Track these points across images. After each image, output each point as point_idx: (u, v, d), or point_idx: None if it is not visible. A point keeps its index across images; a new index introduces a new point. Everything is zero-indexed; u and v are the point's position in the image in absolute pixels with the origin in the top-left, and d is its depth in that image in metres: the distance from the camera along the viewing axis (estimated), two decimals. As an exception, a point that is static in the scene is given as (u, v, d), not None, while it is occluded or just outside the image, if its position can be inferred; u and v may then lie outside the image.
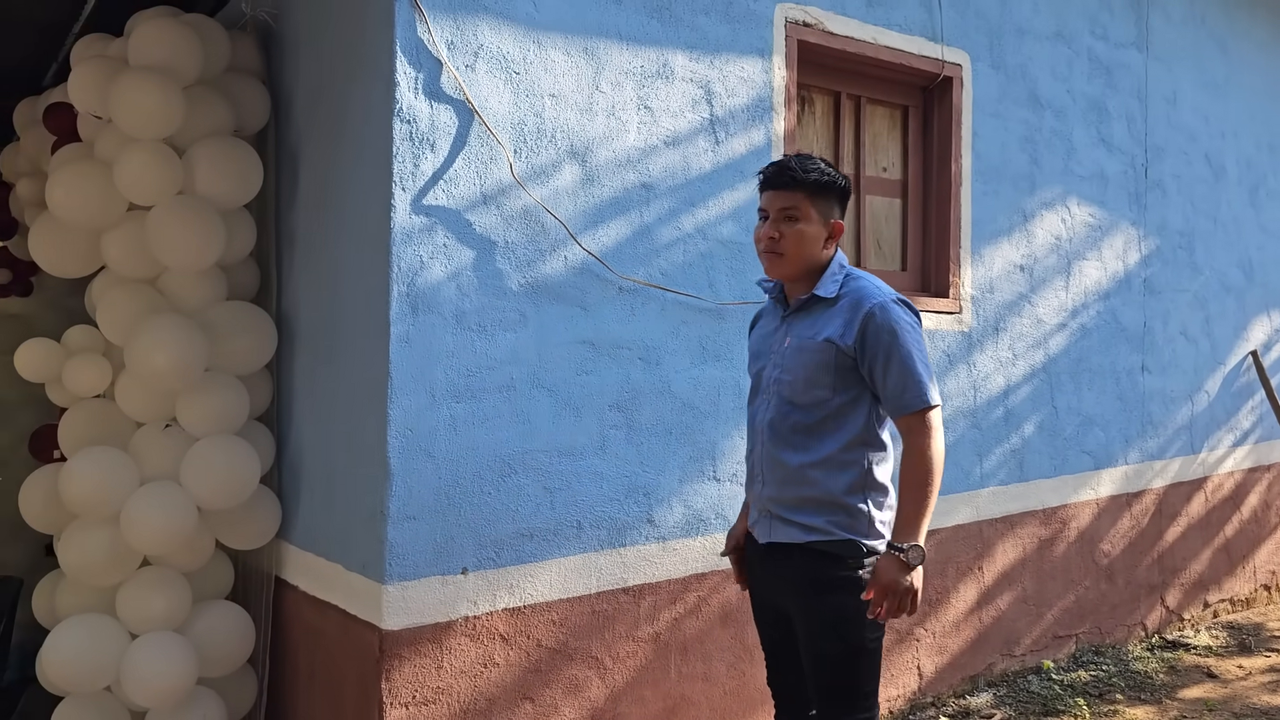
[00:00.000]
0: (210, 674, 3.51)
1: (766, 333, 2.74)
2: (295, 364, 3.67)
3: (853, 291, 2.56)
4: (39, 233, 3.63)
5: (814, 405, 2.55)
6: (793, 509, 2.56)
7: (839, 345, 2.51)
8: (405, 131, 3.04)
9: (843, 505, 2.52)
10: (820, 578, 2.53)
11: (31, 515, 3.64)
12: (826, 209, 2.60)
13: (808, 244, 2.57)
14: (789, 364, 2.59)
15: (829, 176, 2.59)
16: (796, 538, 2.55)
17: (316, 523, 3.49)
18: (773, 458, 2.60)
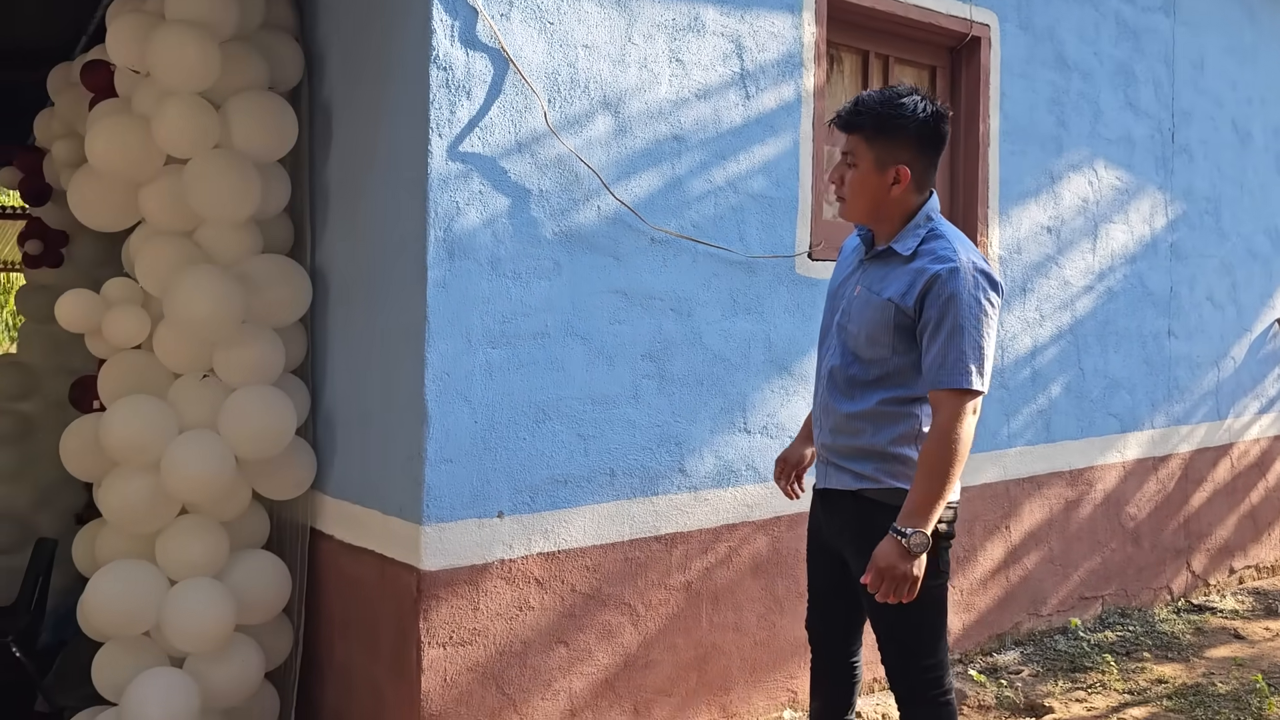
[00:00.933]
0: (247, 621, 3.55)
1: (843, 275, 2.71)
2: (330, 317, 3.72)
3: (929, 251, 2.46)
4: (78, 187, 3.68)
5: (873, 361, 2.53)
6: (845, 457, 2.57)
7: (899, 305, 2.46)
8: (442, 79, 3.08)
9: (892, 455, 2.50)
10: (872, 527, 2.47)
11: (72, 463, 3.69)
12: (889, 152, 2.48)
13: (867, 190, 2.51)
14: (854, 314, 2.57)
15: (895, 113, 2.46)
16: (848, 484, 2.57)
17: (352, 471, 3.53)
18: (828, 405, 2.62)
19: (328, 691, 3.66)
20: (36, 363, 6.09)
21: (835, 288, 2.74)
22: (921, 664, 2.57)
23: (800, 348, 3.82)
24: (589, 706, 3.39)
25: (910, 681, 2.59)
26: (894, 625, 2.58)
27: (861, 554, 2.51)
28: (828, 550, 2.75)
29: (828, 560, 2.75)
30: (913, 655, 2.57)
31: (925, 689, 2.58)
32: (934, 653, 2.58)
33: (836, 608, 2.78)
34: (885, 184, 2.50)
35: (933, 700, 2.58)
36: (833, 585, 2.76)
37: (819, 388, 2.72)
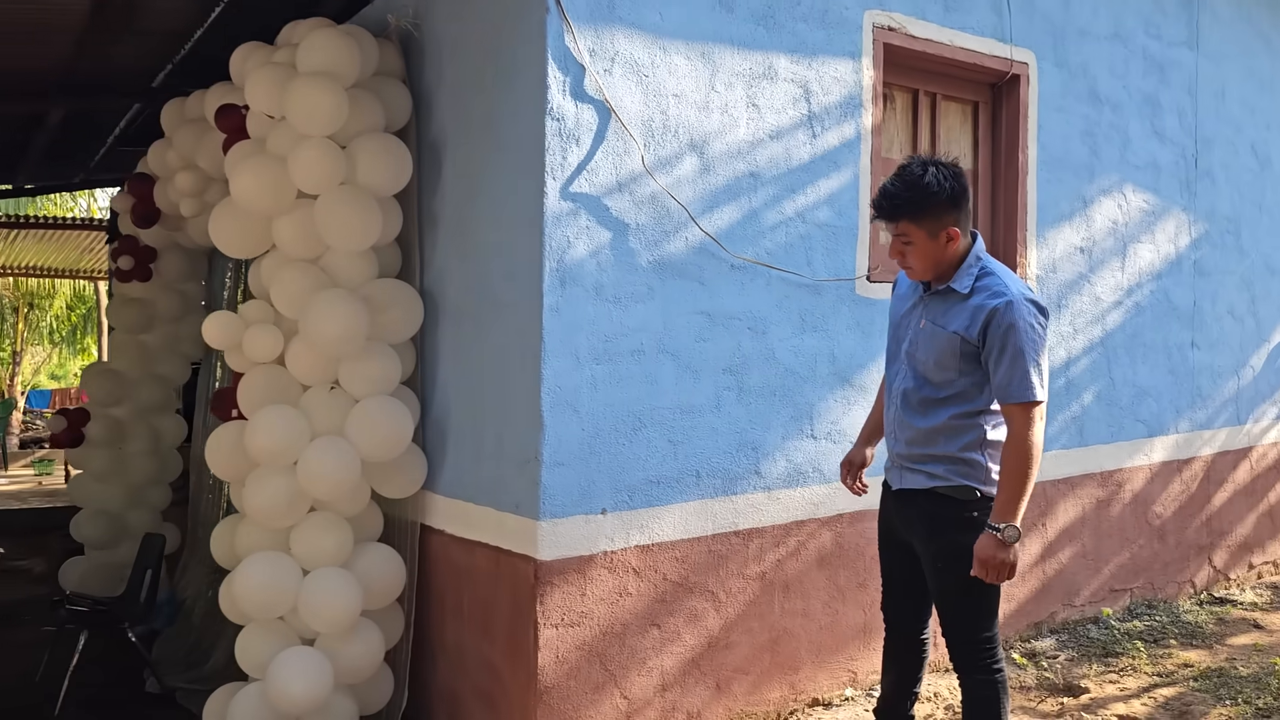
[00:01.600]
0: (370, 607, 3.98)
1: (906, 307, 3.12)
2: (439, 334, 4.14)
3: (984, 287, 2.88)
4: (219, 218, 4.12)
5: (942, 384, 2.95)
6: (919, 462, 3.01)
7: (964, 336, 2.88)
8: (555, 128, 3.50)
9: (961, 459, 2.94)
10: (941, 518, 2.97)
11: (216, 465, 4.12)
12: (935, 223, 2.87)
13: (928, 257, 2.92)
14: (922, 344, 2.99)
15: (927, 194, 2.84)
16: (923, 484, 3.00)
17: (464, 472, 3.96)
18: (904, 421, 3.05)
19: (439, 670, 4.09)
20: (127, 370, 6.53)
21: (899, 318, 3.17)
22: (978, 638, 3.01)
23: (860, 362, 4.24)
24: (678, 682, 3.81)
25: (968, 653, 3.02)
26: (956, 605, 3.02)
27: (930, 540, 3.00)
28: (899, 542, 3.18)
29: (899, 551, 3.19)
30: (971, 630, 3.01)
31: (981, 659, 3.01)
32: (989, 628, 3.02)
33: (907, 592, 3.21)
34: (940, 246, 2.92)
35: (987, 668, 3.01)
36: (903, 573, 3.19)
37: (891, 406, 3.15)
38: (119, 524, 6.43)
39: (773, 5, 3.98)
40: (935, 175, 2.87)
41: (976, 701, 3.02)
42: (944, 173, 2.89)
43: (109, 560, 6.42)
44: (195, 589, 6.19)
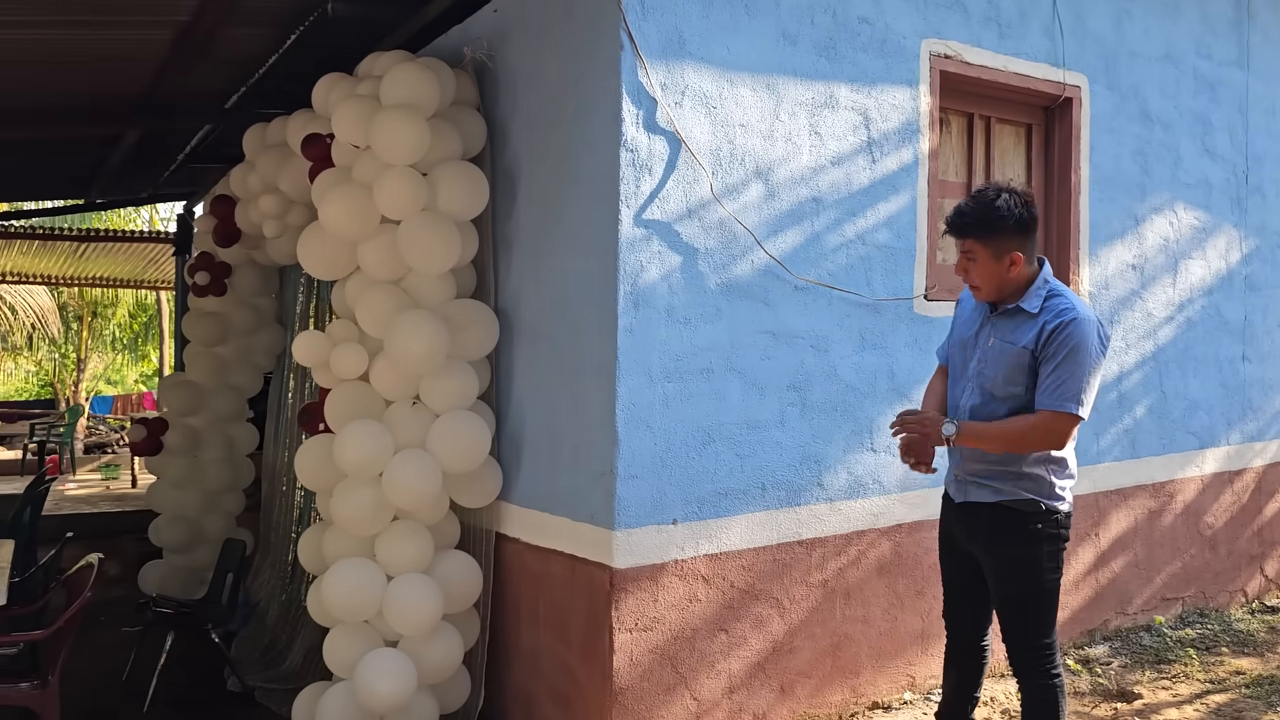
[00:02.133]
0: (449, 611, 4.19)
1: (972, 326, 3.25)
2: (514, 352, 4.35)
3: (1052, 307, 3.04)
4: (307, 242, 4.36)
5: (1009, 399, 3.09)
6: (984, 476, 3.16)
7: (1032, 350, 3.03)
8: (629, 159, 3.70)
9: (1026, 474, 3.09)
10: (1005, 530, 3.12)
11: (305, 476, 4.36)
12: (1000, 245, 3.03)
13: (991, 276, 3.08)
14: (990, 361, 3.13)
15: (996, 216, 3.02)
16: (986, 498, 3.16)
17: (539, 484, 4.16)
18: None
19: (513, 672, 4.30)
20: (203, 381, 6.82)
21: (965, 338, 3.30)
22: (1037, 644, 3.16)
23: (918, 378, 4.39)
24: (744, 685, 3.99)
25: (1027, 658, 3.18)
26: (1017, 613, 3.18)
27: (992, 551, 3.17)
28: (960, 551, 3.34)
29: (960, 560, 3.35)
30: (1031, 636, 3.16)
31: (1040, 664, 3.16)
32: (1048, 634, 3.17)
33: (967, 600, 3.37)
34: (1004, 269, 3.08)
35: (1046, 674, 3.16)
36: (964, 581, 3.35)
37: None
38: (195, 529, 6.72)
39: (834, 37, 4.15)
40: (1007, 201, 3.04)
41: (1035, 705, 3.17)
42: (1016, 200, 3.05)
43: (186, 564, 6.71)
44: (268, 592, 6.45)
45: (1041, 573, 3.10)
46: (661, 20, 3.73)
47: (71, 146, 7.64)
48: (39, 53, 5.27)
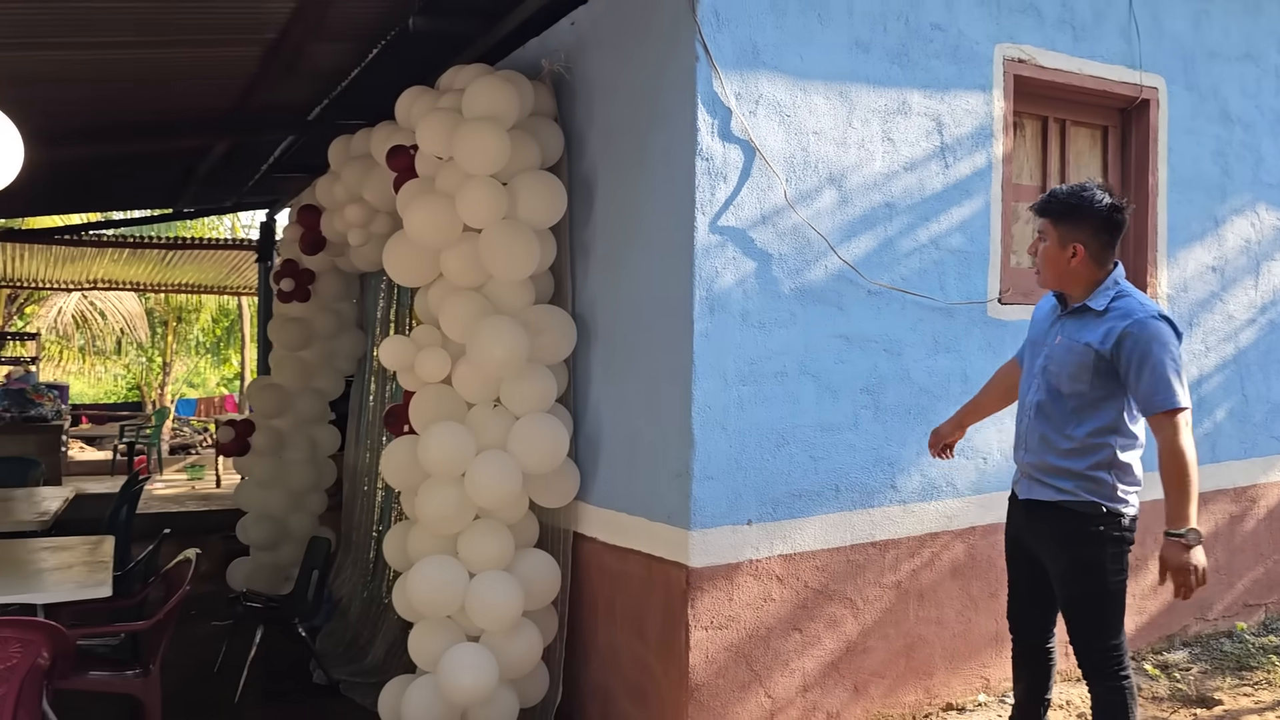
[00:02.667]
0: (529, 608, 4.31)
1: (1044, 326, 3.32)
2: (591, 356, 4.46)
3: (1119, 306, 3.08)
4: (392, 251, 4.52)
5: (1073, 395, 3.13)
6: (1048, 474, 3.20)
7: (1097, 350, 3.06)
8: (704, 167, 3.78)
9: (1089, 476, 3.12)
10: (1068, 532, 3.15)
11: (390, 476, 4.52)
12: (1069, 233, 3.10)
13: (1052, 262, 3.14)
14: (1056, 358, 3.18)
15: (1079, 204, 3.08)
16: (1049, 496, 3.19)
17: (616, 484, 4.26)
18: (1037, 432, 3.23)
19: (591, 667, 4.40)
20: (288, 384, 7.05)
21: (1036, 338, 3.36)
22: (1105, 645, 3.16)
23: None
24: (818, 684, 4.05)
25: (1096, 660, 3.18)
26: (1083, 615, 3.17)
27: (1058, 554, 3.19)
28: (1025, 553, 3.36)
29: (1025, 562, 3.38)
30: (1097, 638, 3.16)
31: (1109, 666, 3.16)
32: (1115, 636, 3.17)
33: (1034, 601, 3.39)
34: (1066, 258, 3.13)
35: (1115, 675, 3.16)
36: (1029, 583, 3.38)
37: (1024, 418, 3.33)
38: (280, 527, 6.95)
39: (907, 44, 4.19)
40: (1097, 197, 3.09)
41: (1106, 708, 3.17)
42: (1106, 200, 3.09)
43: (272, 561, 6.94)
44: (350, 589, 6.65)
45: (1105, 575, 3.11)
46: (736, 32, 3.81)
47: (162, 159, 7.96)
48: (139, 71, 5.53)
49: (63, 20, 4.48)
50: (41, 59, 5.06)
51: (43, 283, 14.54)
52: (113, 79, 5.70)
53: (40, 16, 4.35)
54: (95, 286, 14.83)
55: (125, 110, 6.51)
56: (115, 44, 4.97)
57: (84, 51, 5.02)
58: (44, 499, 6.67)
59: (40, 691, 3.41)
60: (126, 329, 20.27)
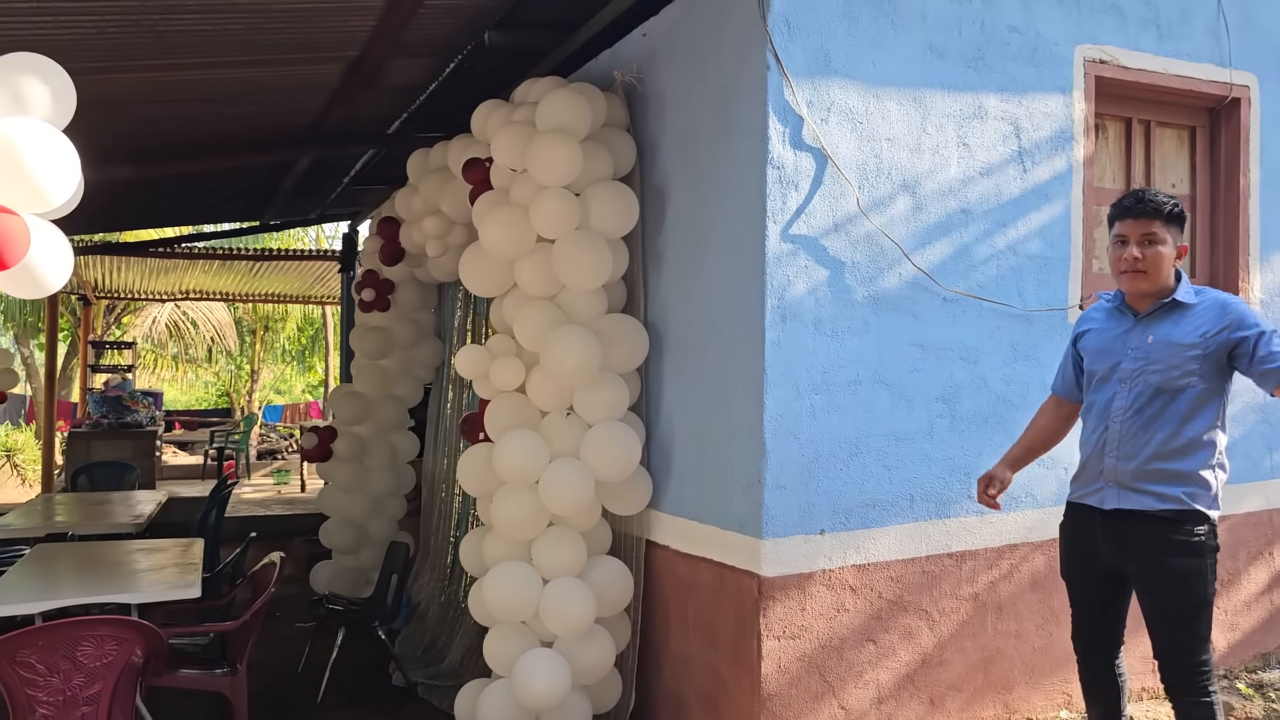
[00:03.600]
0: (602, 615, 4.35)
1: (1114, 335, 3.25)
2: (663, 364, 4.48)
3: (1211, 297, 3.14)
4: (468, 262, 4.60)
5: (1184, 389, 3.08)
6: (1149, 480, 3.10)
7: (1214, 336, 3.05)
8: (775, 176, 3.78)
9: (1198, 478, 3.07)
10: (1166, 541, 3.07)
11: (466, 482, 4.59)
12: (1177, 234, 3.15)
13: (1165, 263, 3.13)
14: (1157, 356, 3.12)
15: (1178, 207, 3.14)
16: (1149, 505, 3.10)
17: (688, 492, 4.27)
18: (1131, 436, 3.14)
19: (663, 675, 4.42)
20: (369, 392, 7.21)
21: (1105, 346, 3.27)
22: (1192, 661, 3.07)
23: (1073, 389, 4.30)
24: (892, 696, 4.00)
25: (1185, 677, 3.09)
26: (1175, 629, 3.09)
27: (1153, 563, 3.09)
28: (1096, 567, 3.26)
29: (1094, 577, 3.28)
30: (1184, 654, 3.08)
31: (1198, 681, 3.08)
32: (1203, 652, 3.08)
33: (1105, 616, 3.30)
34: (1172, 259, 3.17)
35: (1204, 690, 3.08)
36: (1099, 598, 3.29)
37: (1106, 426, 3.21)
38: (361, 532, 7.11)
39: (983, 48, 4.13)
40: (1172, 199, 3.17)
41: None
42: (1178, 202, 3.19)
43: (353, 565, 7.11)
44: (428, 593, 6.77)
45: (1206, 585, 3.05)
46: (807, 40, 3.80)
47: (250, 174, 8.22)
48: (229, 90, 5.72)
49: (160, 45, 4.66)
50: (139, 80, 5.26)
51: (139, 294, 15.11)
52: (204, 98, 5.91)
53: (140, 41, 4.54)
54: (187, 297, 15.34)
55: (215, 128, 6.74)
56: (207, 64, 5.15)
57: (177, 73, 5.21)
58: (139, 502, 6.94)
59: (134, 688, 3.54)
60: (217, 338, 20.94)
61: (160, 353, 22.31)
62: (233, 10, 4.34)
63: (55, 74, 2.47)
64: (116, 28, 4.38)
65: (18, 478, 13.99)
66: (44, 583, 4.47)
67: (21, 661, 3.24)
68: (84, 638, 3.35)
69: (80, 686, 3.35)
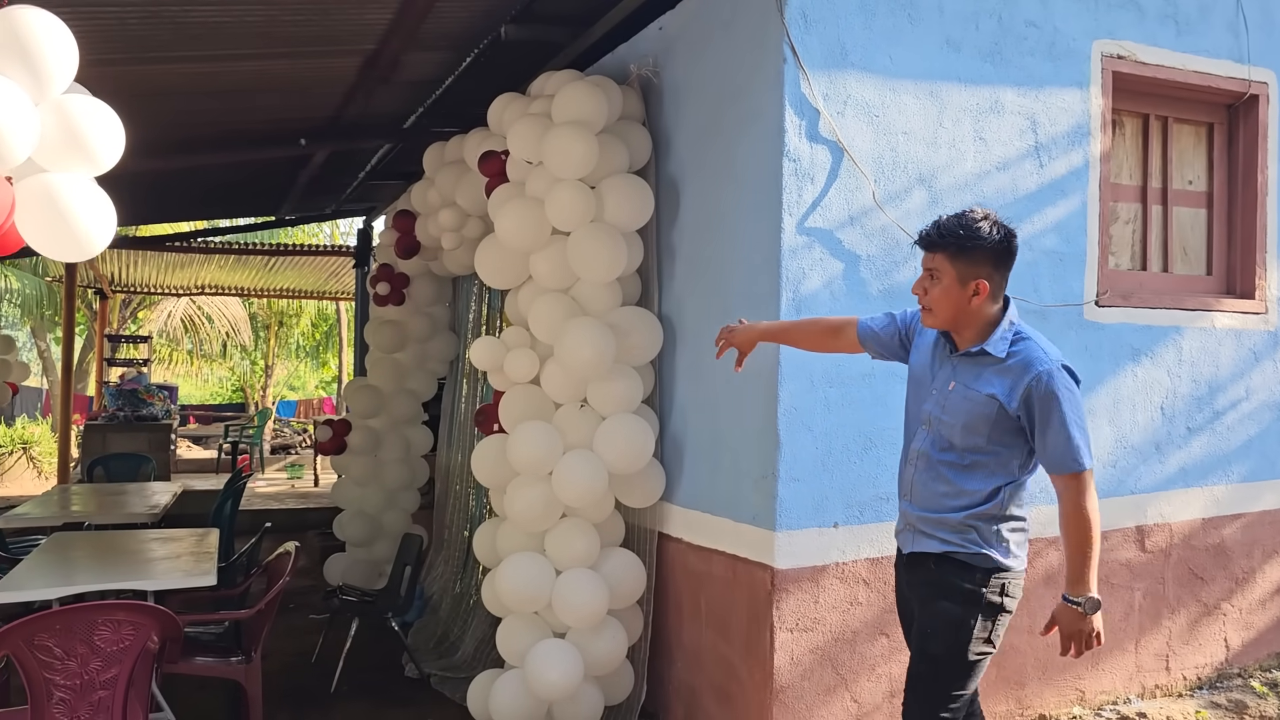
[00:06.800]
0: (614, 606, 4.36)
1: (927, 364, 2.98)
2: (676, 357, 4.49)
3: (1022, 353, 2.77)
4: (483, 254, 4.62)
5: (968, 450, 2.82)
6: (933, 527, 2.88)
7: (1002, 404, 2.75)
8: (791, 168, 3.78)
9: (976, 529, 2.83)
10: (945, 584, 2.83)
11: (480, 473, 4.61)
12: (969, 269, 2.75)
13: (951, 302, 2.78)
14: (951, 408, 2.84)
15: (971, 238, 2.73)
16: (934, 548, 2.87)
17: (701, 485, 4.28)
18: (923, 484, 2.93)
19: (675, 667, 4.42)
20: (383, 386, 7.24)
21: (919, 376, 3.03)
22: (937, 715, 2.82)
23: (1088, 386, 4.28)
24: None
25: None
26: (919, 670, 2.90)
27: (928, 604, 2.88)
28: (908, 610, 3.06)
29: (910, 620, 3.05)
30: (925, 704, 2.85)
31: None
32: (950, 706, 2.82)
33: None
34: (966, 296, 2.77)
35: None
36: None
37: (909, 466, 3.01)
38: (375, 524, 7.15)
39: (999, 42, 4.13)
40: (991, 225, 2.79)
41: None
42: (1000, 229, 2.80)
43: (366, 557, 7.14)
44: (441, 586, 6.80)
45: (969, 640, 2.78)
46: (824, 32, 3.80)
47: (266, 168, 8.26)
48: (245, 83, 5.76)
49: (179, 37, 4.69)
50: (158, 73, 5.31)
51: (154, 288, 15.20)
52: (220, 91, 5.94)
53: (159, 33, 4.57)
54: (203, 291, 15.43)
55: (231, 121, 6.78)
56: (225, 57, 5.18)
57: (195, 65, 5.25)
58: (154, 493, 6.98)
59: (150, 673, 3.56)
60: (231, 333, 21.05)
61: (175, 347, 22.45)
62: (251, 1, 4.36)
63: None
64: (138, 19, 4.42)
65: (34, 470, 14.09)
66: (61, 569, 4.50)
67: (39, 645, 3.26)
68: (101, 622, 3.36)
69: (97, 671, 3.36)
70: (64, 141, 2.57)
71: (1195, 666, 4.60)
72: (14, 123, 2.40)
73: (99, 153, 2.63)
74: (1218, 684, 4.61)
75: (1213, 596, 4.62)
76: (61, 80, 2.59)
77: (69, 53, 2.56)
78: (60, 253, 2.69)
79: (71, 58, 2.57)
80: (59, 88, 2.60)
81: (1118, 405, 4.46)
